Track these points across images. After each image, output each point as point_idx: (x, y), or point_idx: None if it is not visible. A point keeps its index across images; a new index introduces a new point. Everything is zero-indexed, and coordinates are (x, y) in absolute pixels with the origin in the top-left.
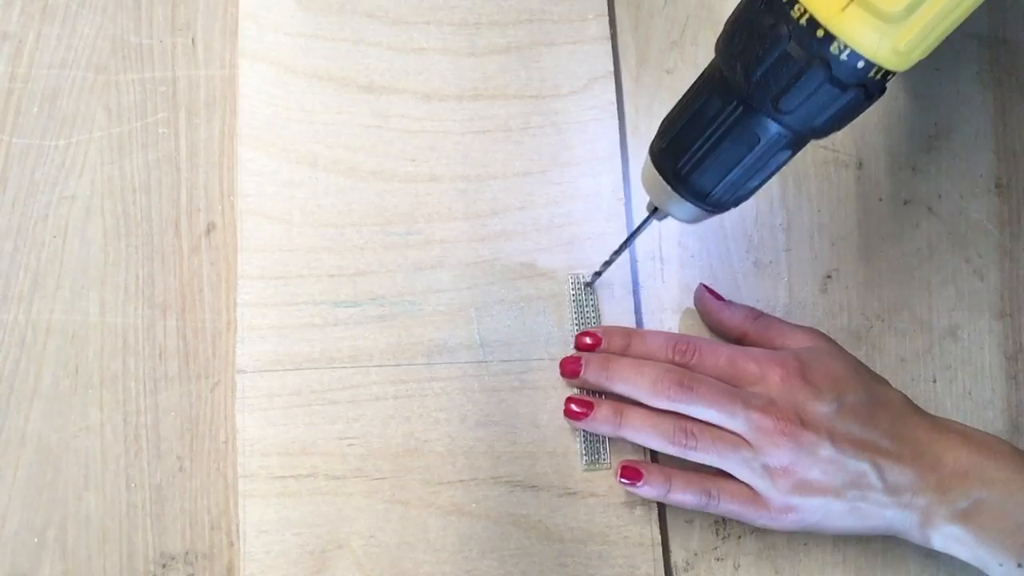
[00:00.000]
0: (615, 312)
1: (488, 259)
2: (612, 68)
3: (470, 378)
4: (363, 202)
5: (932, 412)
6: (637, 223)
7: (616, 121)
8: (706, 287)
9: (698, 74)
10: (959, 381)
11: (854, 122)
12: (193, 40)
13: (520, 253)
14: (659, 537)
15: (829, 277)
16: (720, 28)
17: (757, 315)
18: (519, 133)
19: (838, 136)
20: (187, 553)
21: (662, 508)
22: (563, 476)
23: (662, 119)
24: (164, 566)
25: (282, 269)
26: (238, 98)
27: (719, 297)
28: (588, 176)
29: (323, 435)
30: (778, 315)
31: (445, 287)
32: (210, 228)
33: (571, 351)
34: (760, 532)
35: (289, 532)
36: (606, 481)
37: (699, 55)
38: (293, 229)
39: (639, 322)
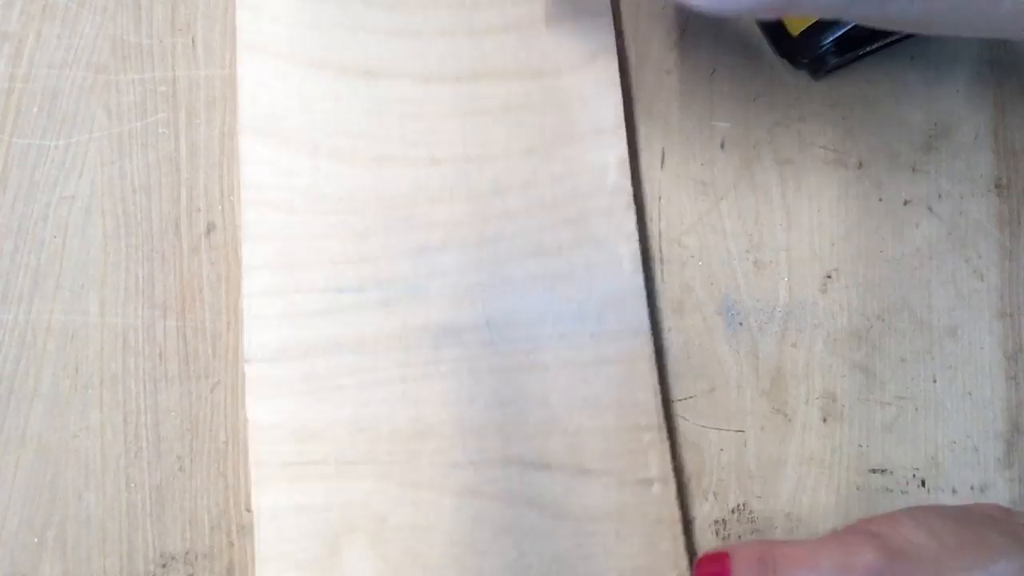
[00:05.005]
0: None
1: (492, 239)
2: (614, 40)
3: (478, 359)
4: (364, 188)
5: (932, 412)
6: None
7: (620, 93)
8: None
9: (698, 74)
10: (959, 381)
11: (854, 122)
12: (193, 40)
13: (524, 232)
14: (679, 514)
15: (829, 277)
16: (721, 28)
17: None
18: (520, 112)
19: (838, 136)
20: (187, 553)
21: (682, 485)
22: (576, 455)
23: None
24: (164, 566)
25: (286, 258)
26: (238, 90)
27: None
28: (593, 151)
29: (332, 421)
30: (778, 315)
31: (449, 270)
32: (210, 228)
33: (583, 328)
34: (760, 532)
35: (302, 517)
36: (622, 458)
37: (699, 55)
38: (295, 217)
39: None
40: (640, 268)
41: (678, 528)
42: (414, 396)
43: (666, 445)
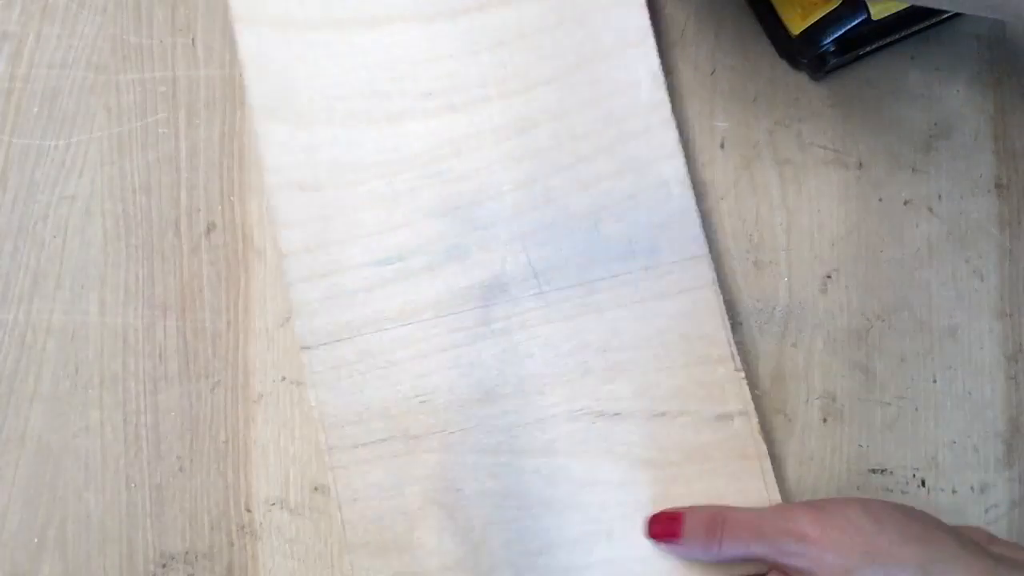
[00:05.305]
0: None
1: (526, 182)
2: None
3: (530, 313)
4: (386, 150)
5: (932, 412)
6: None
7: (644, 0)
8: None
9: (698, 74)
10: (959, 381)
11: (854, 122)
12: (193, 40)
13: (559, 168)
14: (764, 447)
15: (829, 277)
16: (721, 29)
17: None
18: (536, 37)
19: (838, 136)
20: (187, 553)
21: (764, 417)
22: (647, 398)
23: None
24: (164, 566)
25: (321, 238)
26: (243, 68)
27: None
28: (621, 68)
29: (394, 397)
30: (778, 315)
31: (487, 223)
32: (210, 228)
33: (635, 264)
34: None
35: (381, 496)
36: (696, 395)
37: (699, 55)
38: (323, 194)
39: None
40: (690, 188)
41: (766, 462)
42: (469, 360)
43: (741, 375)
